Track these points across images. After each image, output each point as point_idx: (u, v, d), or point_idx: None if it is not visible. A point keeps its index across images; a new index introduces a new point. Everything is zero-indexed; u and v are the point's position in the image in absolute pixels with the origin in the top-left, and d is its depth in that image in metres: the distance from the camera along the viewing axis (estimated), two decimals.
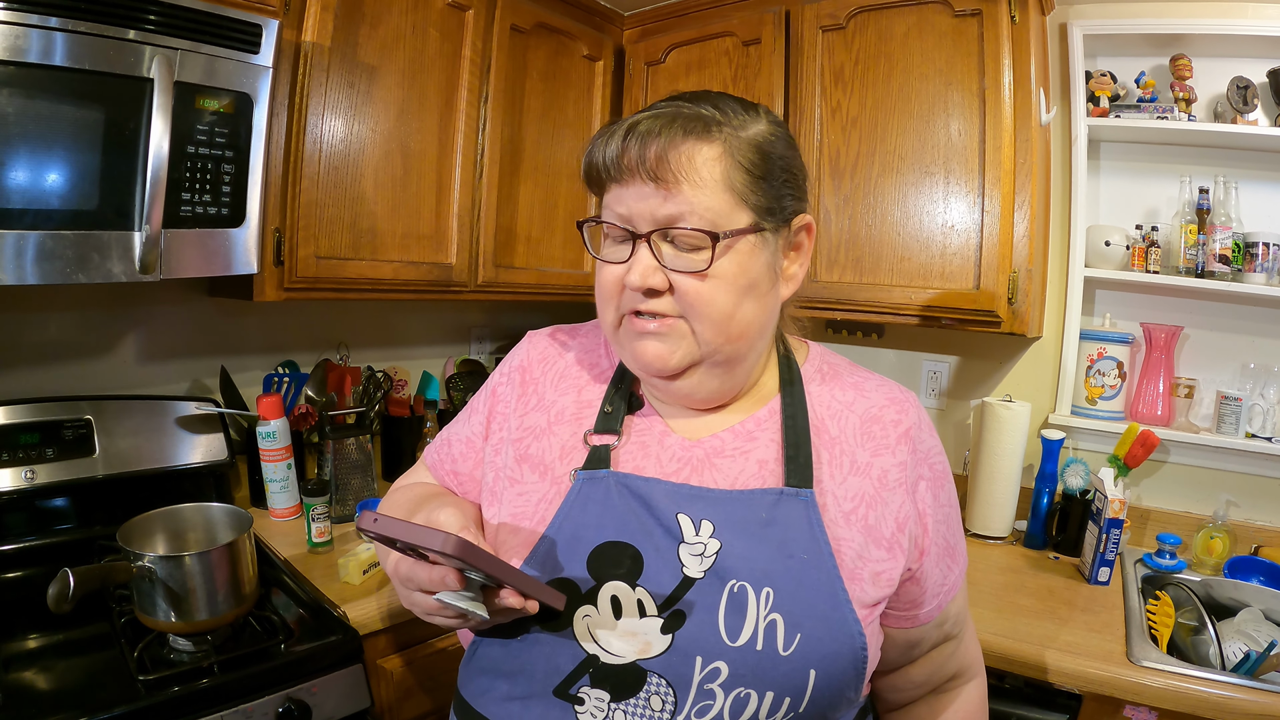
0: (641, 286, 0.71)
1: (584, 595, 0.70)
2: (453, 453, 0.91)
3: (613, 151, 0.71)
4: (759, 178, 0.72)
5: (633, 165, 0.69)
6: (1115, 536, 1.53)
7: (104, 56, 1.16)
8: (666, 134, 0.69)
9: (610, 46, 2.16)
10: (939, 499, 0.80)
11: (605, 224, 0.75)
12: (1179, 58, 1.73)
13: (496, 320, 2.47)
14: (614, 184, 0.72)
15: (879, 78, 1.73)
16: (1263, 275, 1.65)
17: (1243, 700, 1.15)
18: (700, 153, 0.69)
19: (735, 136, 0.71)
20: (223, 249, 1.36)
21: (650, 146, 0.69)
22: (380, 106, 1.65)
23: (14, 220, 1.12)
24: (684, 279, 0.70)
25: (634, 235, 0.71)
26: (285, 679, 1.15)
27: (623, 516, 0.73)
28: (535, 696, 0.70)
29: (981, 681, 0.93)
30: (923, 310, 1.69)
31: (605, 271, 0.75)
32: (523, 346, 0.91)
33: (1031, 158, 1.58)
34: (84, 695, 1.04)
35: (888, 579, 0.74)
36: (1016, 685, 1.31)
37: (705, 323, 0.71)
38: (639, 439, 0.79)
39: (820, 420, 0.79)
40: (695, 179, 0.69)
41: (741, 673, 0.67)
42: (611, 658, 0.68)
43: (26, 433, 1.39)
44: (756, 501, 0.73)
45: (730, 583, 0.69)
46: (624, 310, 0.74)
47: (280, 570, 1.44)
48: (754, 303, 0.73)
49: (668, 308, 0.72)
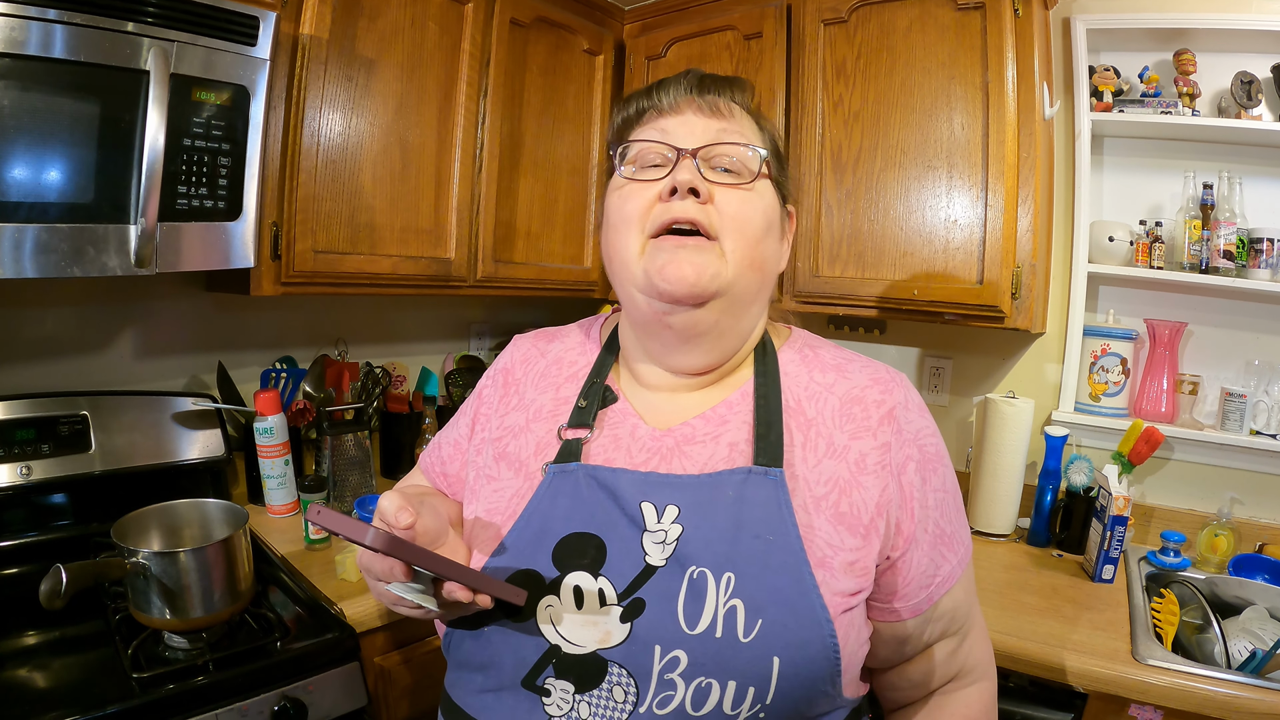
0: (689, 184, 0.72)
1: (547, 586, 0.70)
2: (442, 455, 0.93)
3: (667, 85, 0.77)
4: (773, 151, 0.79)
5: (688, 96, 0.76)
6: (1119, 534, 1.52)
7: (100, 49, 1.15)
8: (714, 81, 0.77)
9: (611, 41, 2.15)
10: (929, 482, 0.75)
11: (645, 144, 0.76)
12: (1183, 52, 1.71)
13: (496, 316, 2.46)
14: (661, 116, 0.76)
15: (881, 71, 1.72)
16: (1267, 271, 1.64)
17: (1249, 699, 1.14)
18: (739, 105, 0.78)
19: (758, 113, 0.81)
20: (220, 243, 1.35)
21: (709, 83, 0.77)
22: (379, 100, 1.64)
23: (9, 214, 1.11)
24: (727, 192, 0.73)
25: (677, 152, 0.74)
26: (281, 677, 1.14)
27: (590, 508, 0.73)
28: (506, 688, 0.70)
29: (989, 685, 0.85)
30: (925, 305, 1.67)
31: (635, 190, 0.75)
32: (508, 349, 0.92)
33: (1035, 152, 1.57)
34: (78, 693, 1.03)
35: (862, 567, 0.70)
36: (1021, 684, 1.30)
37: (739, 239, 0.73)
38: (611, 431, 0.79)
39: (797, 401, 0.77)
40: (741, 117, 0.78)
41: (701, 661, 0.65)
42: (573, 648, 0.68)
43: (22, 428, 1.38)
44: (723, 482, 0.72)
45: (690, 569, 0.68)
46: (656, 224, 0.73)
47: (277, 567, 1.42)
48: (773, 242, 0.77)
49: (706, 218, 0.72)
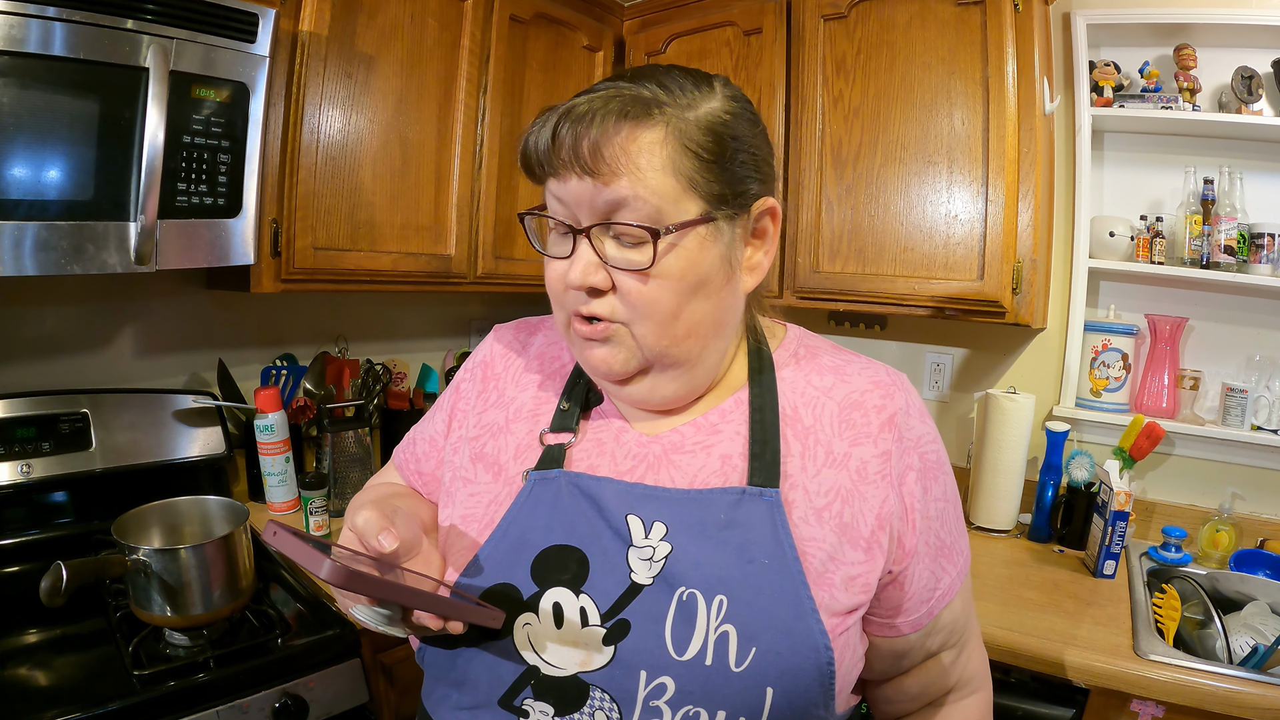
0: (582, 285, 0.65)
1: (525, 602, 0.65)
2: (416, 452, 0.87)
3: (544, 142, 0.63)
4: (710, 162, 0.64)
5: (566, 157, 0.62)
6: (1121, 529, 1.52)
7: (100, 46, 1.15)
8: (600, 119, 0.61)
9: (610, 37, 2.14)
10: (930, 492, 0.72)
11: (542, 217, 0.68)
12: (1183, 48, 1.71)
13: (496, 312, 2.46)
14: (549, 177, 0.65)
15: (881, 67, 1.71)
16: (1268, 266, 1.64)
17: (1251, 694, 1.14)
18: (639, 138, 0.61)
19: (681, 118, 0.63)
20: (219, 240, 1.35)
21: (584, 136, 0.61)
22: (378, 97, 1.63)
23: (9, 211, 1.11)
24: (626, 278, 0.64)
25: (574, 230, 0.65)
26: (282, 674, 1.14)
27: (572, 519, 0.68)
28: (482, 707, 0.66)
29: (985, 696, 0.83)
30: (926, 301, 1.67)
31: (551, 268, 0.69)
32: (487, 341, 0.86)
33: (1035, 147, 1.57)
34: (79, 690, 1.03)
35: (863, 583, 0.67)
36: (1023, 679, 1.30)
37: (647, 325, 0.65)
38: (595, 436, 0.74)
39: (793, 408, 0.72)
40: (633, 169, 0.61)
41: (690, 689, 0.61)
42: (552, 670, 0.64)
43: (23, 426, 1.38)
44: (715, 502, 0.67)
45: (680, 590, 0.63)
46: (569, 310, 0.68)
47: (278, 564, 1.42)
48: (704, 301, 0.67)
49: (609, 310, 0.66)
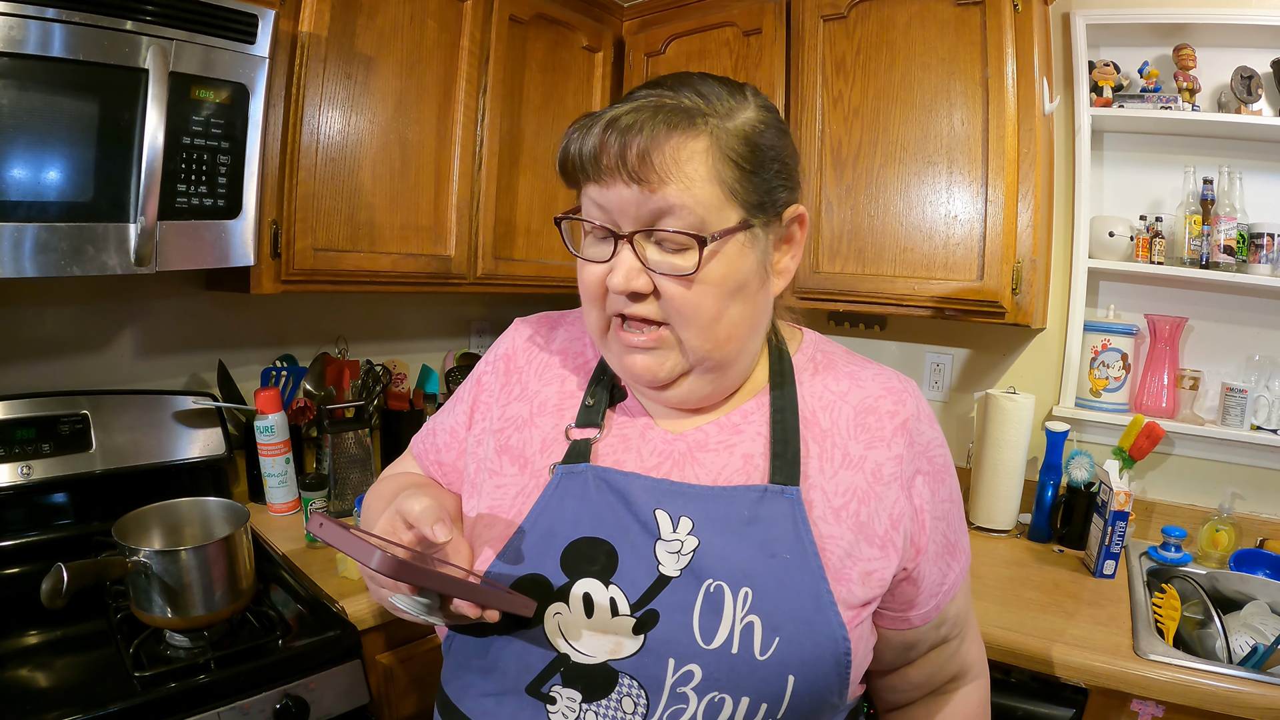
0: (625, 290, 0.67)
1: (556, 592, 0.68)
2: (437, 443, 0.89)
3: (590, 148, 0.65)
4: (749, 172, 0.67)
5: (613, 165, 0.64)
6: (1120, 529, 1.52)
7: (99, 47, 1.15)
8: (649, 129, 0.63)
9: (610, 37, 2.14)
10: (938, 494, 0.77)
11: (583, 221, 0.71)
12: (1182, 48, 1.71)
13: (496, 313, 2.46)
14: (591, 183, 0.67)
15: (881, 67, 1.71)
16: (1268, 266, 1.64)
17: (1251, 694, 1.14)
18: (685, 148, 0.64)
19: (722, 128, 0.66)
20: (219, 241, 1.35)
21: (631, 144, 0.63)
22: (378, 98, 1.63)
23: (8, 213, 1.11)
24: (669, 283, 0.67)
25: (616, 235, 0.67)
26: (283, 675, 1.14)
27: (600, 512, 0.71)
28: (508, 693, 0.68)
29: (984, 683, 0.88)
30: (926, 301, 1.67)
31: (587, 271, 0.71)
32: (509, 334, 0.88)
33: (1035, 148, 1.57)
34: (80, 692, 1.02)
35: (879, 579, 0.71)
36: (1022, 679, 1.30)
37: (692, 329, 0.68)
38: (620, 432, 0.77)
39: (811, 412, 0.76)
40: (681, 177, 0.64)
41: (716, 676, 0.64)
42: (582, 657, 0.66)
43: (23, 428, 1.38)
44: (739, 499, 0.70)
45: (707, 582, 0.66)
46: (610, 313, 0.71)
47: (278, 565, 1.43)
48: (742, 304, 0.70)
49: (653, 313, 0.69)
